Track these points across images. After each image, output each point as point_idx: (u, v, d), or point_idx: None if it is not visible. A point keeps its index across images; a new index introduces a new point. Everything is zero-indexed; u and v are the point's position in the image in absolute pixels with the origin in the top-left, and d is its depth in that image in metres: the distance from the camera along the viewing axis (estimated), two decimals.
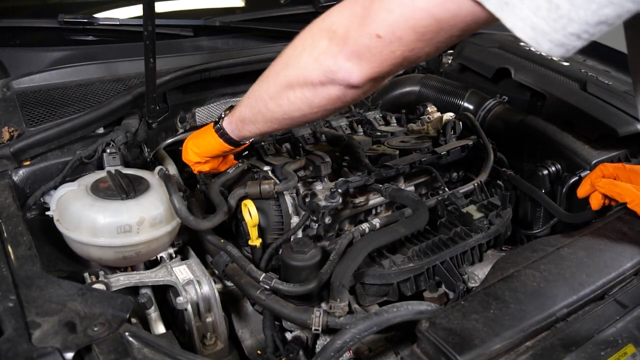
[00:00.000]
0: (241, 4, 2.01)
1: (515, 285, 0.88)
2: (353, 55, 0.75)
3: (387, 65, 0.74)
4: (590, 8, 0.55)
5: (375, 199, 1.27)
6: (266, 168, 1.21)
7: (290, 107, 0.88)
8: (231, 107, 1.07)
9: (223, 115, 1.07)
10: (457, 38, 0.70)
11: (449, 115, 1.53)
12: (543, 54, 0.59)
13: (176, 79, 1.29)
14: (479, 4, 0.61)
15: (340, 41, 0.75)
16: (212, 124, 1.09)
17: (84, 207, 0.96)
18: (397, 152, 1.37)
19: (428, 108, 1.55)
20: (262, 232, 1.14)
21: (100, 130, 1.18)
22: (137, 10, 1.68)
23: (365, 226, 1.13)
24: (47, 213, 1.01)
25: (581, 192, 1.20)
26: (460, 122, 1.48)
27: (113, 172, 1.06)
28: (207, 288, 1.02)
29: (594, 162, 1.31)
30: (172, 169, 1.24)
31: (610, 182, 1.11)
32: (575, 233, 1.05)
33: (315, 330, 0.93)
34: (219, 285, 1.15)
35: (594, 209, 1.16)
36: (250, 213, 1.07)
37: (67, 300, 0.76)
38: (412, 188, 1.37)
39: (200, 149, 1.10)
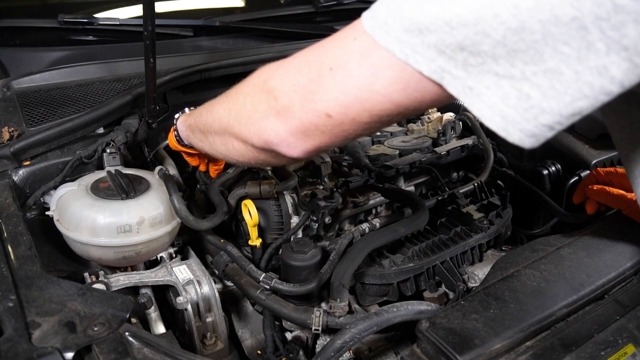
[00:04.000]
0: (241, 4, 2.01)
1: (515, 285, 0.88)
2: (298, 131, 0.68)
3: (335, 141, 0.70)
4: (563, 100, 0.52)
5: (375, 199, 1.27)
6: (266, 168, 1.21)
7: (233, 153, 0.84)
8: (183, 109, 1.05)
9: (180, 114, 1.05)
10: (415, 112, 0.67)
11: (449, 115, 1.53)
12: (512, 143, 0.56)
13: (176, 79, 1.29)
14: (442, 88, 0.58)
15: (283, 112, 0.69)
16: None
17: (84, 207, 0.96)
18: (397, 152, 1.37)
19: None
20: (262, 232, 1.14)
21: (100, 130, 1.18)
22: (137, 10, 1.69)
23: (365, 226, 1.13)
24: (47, 213, 1.01)
25: (576, 198, 1.20)
26: (460, 122, 1.48)
27: (113, 172, 1.06)
28: (207, 288, 1.02)
29: (593, 162, 1.31)
30: (172, 169, 1.24)
31: (603, 189, 1.11)
32: (575, 233, 1.05)
33: (315, 330, 0.93)
34: (219, 285, 1.15)
35: (589, 213, 1.17)
36: (250, 213, 1.07)
37: (67, 300, 0.76)
38: (412, 188, 1.37)
39: (170, 140, 1.10)
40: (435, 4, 0.54)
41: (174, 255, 1.12)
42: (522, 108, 0.53)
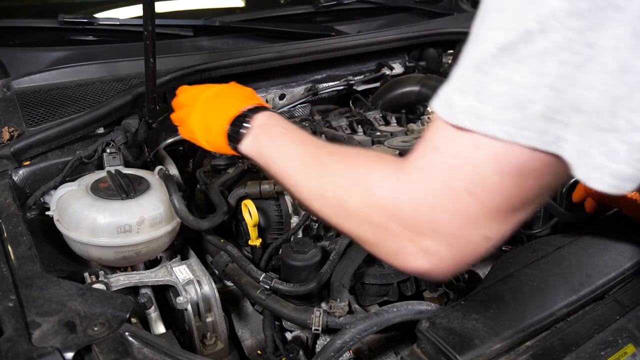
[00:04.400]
0: (241, 4, 2.01)
1: (515, 285, 0.88)
2: (452, 264, 0.60)
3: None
4: None
5: None
6: None
7: (333, 223, 0.70)
8: (244, 121, 0.88)
9: (246, 126, 0.88)
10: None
11: None
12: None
13: (176, 79, 1.29)
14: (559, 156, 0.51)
15: (430, 254, 0.59)
16: (226, 121, 0.90)
17: (84, 207, 0.96)
18: (397, 152, 1.37)
19: (428, 108, 1.55)
20: (262, 232, 1.14)
21: (100, 130, 1.18)
22: (137, 10, 1.68)
23: None
24: (47, 213, 1.01)
25: (575, 196, 1.20)
26: None
27: (113, 172, 1.05)
28: (207, 288, 1.02)
29: None
30: (172, 169, 1.24)
31: None
32: (575, 233, 1.05)
33: (315, 330, 0.93)
34: (219, 285, 1.15)
35: (588, 211, 1.17)
36: (250, 213, 1.07)
37: (67, 300, 0.76)
38: None
39: (210, 139, 0.96)
40: (527, 71, 0.48)
41: (174, 255, 1.12)
42: (636, 160, 0.47)
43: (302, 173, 0.75)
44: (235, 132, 0.89)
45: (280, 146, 0.81)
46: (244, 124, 0.88)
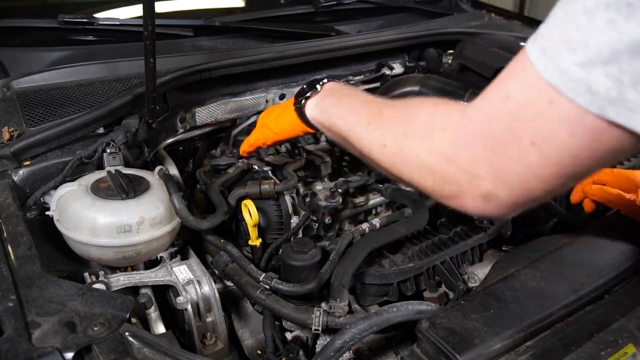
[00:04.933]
0: (241, 4, 2.01)
1: (515, 285, 0.88)
2: (508, 209, 0.62)
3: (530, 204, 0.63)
4: None
5: (375, 199, 1.27)
6: (266, 168, 1.21)
7: (389, 167, 0.73)
8: (316, 84, 0.96)
9: (308, 95, 0.95)
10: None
11: None
12: None
13: (176, 79, 1.29)
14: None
15: (488, 198, 0.60)
16: (289, 104, 1.00)
17: (84, 207, 0.96)
18: None
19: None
20: (262, 232, 1.14)
21: (100, 130, 1.18)
22: (137, 10, 1.69)
23: (365, 226, 1.13)
24: (47, 213, 1.01)
25: (574, 198, 1.20)
26: None
27: (113, 172, 1.05)
28: (207, 288, 1.02)
29: None
30: (172, 169, 1.24)
31: (601, 189, 1.11)
32: (575, 233, 1.05)
33: (315, 330, 0.93)
34: (219, 285, 1.15)
35: (587, 211, 1.17)
36: (250, 213, 1.07)
37: (67, 300, 0.76)
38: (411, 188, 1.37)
39: (280, 130, 1.06)
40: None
41: (174, 255, 1.12)
42: None
43: (365, 126, 0.78)
44: (304, 92, 0.96)
45: (346, 104, 0.86)
46: (315, 86, 0.96)
